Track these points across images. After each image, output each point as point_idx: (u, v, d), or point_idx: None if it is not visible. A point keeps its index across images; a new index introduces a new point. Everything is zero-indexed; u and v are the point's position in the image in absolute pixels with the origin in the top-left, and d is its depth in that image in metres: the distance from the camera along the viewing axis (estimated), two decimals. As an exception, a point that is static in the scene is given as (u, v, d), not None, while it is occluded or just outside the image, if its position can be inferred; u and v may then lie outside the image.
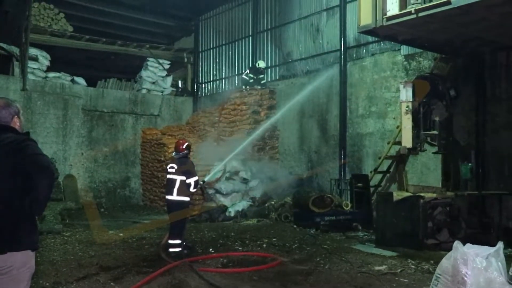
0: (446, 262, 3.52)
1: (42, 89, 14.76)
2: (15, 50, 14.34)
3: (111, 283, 6.19)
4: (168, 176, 8.14)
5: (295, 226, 10.86)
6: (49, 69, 15.46)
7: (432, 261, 7.12)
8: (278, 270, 6.93)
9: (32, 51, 14.71)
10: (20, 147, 3.14)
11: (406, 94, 8.83)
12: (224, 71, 17.68)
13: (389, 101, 11.65)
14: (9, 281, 3.09)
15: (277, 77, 15.29)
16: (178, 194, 7.93)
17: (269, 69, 15.53)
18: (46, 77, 15.28)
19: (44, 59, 15.14)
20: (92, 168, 15.69)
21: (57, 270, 6.80)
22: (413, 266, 6.99)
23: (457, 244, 3.44)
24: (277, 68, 15.39)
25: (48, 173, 3.12)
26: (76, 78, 16.02)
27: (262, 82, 15.02)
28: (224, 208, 12.70)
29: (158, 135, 15.81)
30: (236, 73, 16.97)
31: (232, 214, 12.52)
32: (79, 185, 15.06)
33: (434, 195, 8.53)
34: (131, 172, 16.46)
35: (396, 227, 8.46)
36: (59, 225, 10.15)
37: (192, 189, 8.00)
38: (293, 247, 8.67)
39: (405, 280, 6.29)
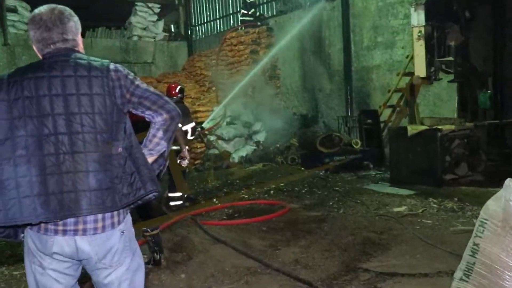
0: (493, 205, 2.88)
1: (25, 43, 13.78)
2: (-9, 2, 13.37)
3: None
4: (163, 124, 7.47)
5: (303, 168, 10.27)
6: (32, 20, 14.49)
7: (455, 199, 6.55)
8: (288, 218, 6.40)
9: (10, 1, 13.72)
10: None
11: (417, 18, 7.95)
12: (217, 11, 16.63)
13: (397, 29, 10.78)
14: None
15: (274, 13, 14.33)
16: (174, 143, 7.31)
17: (265, 5, 14.56)
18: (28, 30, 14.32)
19: (24, 10, 14.08)
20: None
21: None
22: (435, 205, 6.41)
23: (509, 182, 2.79)
24: (273, 3, 14.41)
25: None
26: (62, 29, 15.06)
27: (257, 16, 14.07)
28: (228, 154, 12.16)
29: (154, 84, 14.98)
30: (231, 12, 15.97)
31: (236, 160, 11.98)
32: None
33: (453, 127, 7.86)
34: (128, 123, 15.75)
35: (412, 164, 7.86)
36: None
37: (189, 137, 7.35)
38: (303, 191, 8.13)
39: (429, 221, 5.73)
